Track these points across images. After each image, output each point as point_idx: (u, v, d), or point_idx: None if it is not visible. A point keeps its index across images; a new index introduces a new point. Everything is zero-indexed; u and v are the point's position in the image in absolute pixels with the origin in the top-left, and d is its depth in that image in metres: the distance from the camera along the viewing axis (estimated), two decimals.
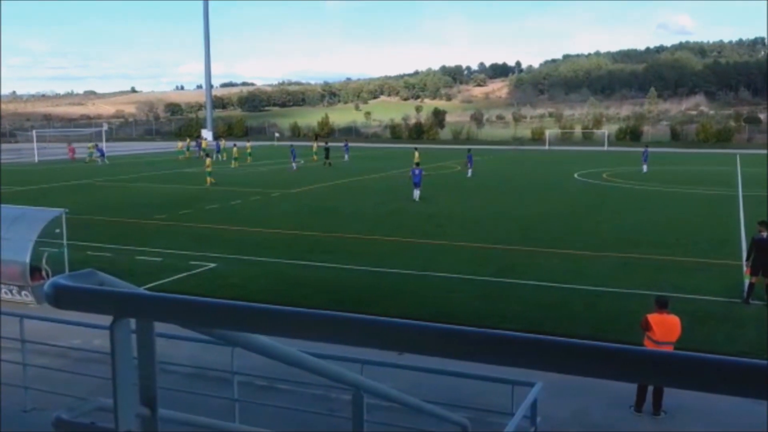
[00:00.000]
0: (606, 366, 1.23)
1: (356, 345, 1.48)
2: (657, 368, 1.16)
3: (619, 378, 1.24)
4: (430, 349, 1.39)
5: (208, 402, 9.61)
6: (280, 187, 39.94)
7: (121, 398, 1.68)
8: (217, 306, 1.55)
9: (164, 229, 26.27)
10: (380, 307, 15.70)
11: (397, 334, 1.41)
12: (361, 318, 1.43)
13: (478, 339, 1.34)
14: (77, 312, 1.62)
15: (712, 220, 27.90)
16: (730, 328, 14.44)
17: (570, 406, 10.54)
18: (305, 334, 1.49)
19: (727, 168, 52.39)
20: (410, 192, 34.15)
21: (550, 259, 20.73)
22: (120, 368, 1.68)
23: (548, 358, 1.27)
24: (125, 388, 1.70)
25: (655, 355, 1.17)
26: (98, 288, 1.64)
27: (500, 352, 1.32)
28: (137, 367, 1.83)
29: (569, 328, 14.08)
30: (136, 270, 19.27)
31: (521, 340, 1.28)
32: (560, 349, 1.25)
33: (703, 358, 1.13)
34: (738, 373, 1.10)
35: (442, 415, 5.91)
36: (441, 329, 1.37)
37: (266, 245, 22.94)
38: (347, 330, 1.45)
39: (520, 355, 1.30)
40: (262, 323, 1.53)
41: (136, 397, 1.81)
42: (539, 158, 66.91)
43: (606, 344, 1.25)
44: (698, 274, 18.94)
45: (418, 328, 1.39)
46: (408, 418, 6.99)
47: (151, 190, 39.17)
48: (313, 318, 1.47)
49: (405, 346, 1.43)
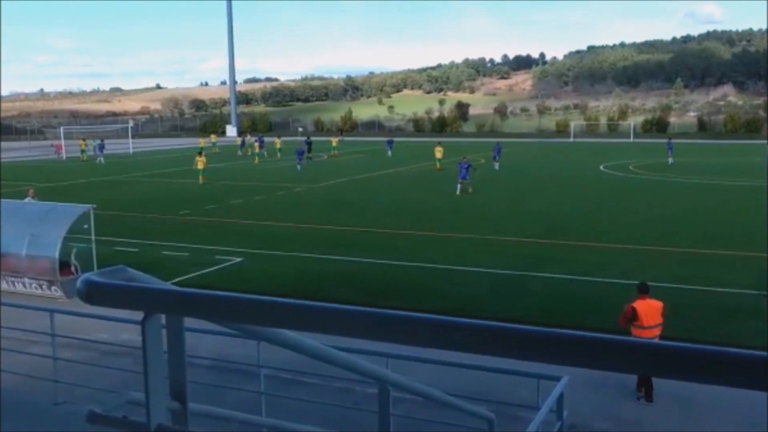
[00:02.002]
0: (628, 359, 1.23)
1: (381, 340, 1.49)
2: (670, 361, 1.16)
3: (639, 371, 1.24)
4: (455, 346, 1.39)
5: (234, 395, 9.70)
6: (304, 182, 40.09)
7: (152, 392, 1.71)
8: (245, 301, 1.57)
9: (190, 224, 26.51)
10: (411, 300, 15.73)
11: (422, 329, 1.42)
12: (386, 313, 1.44)
13: (501, 334, 1.35)
14: (106, 307, 1.65)
15: (741, 212, 27.52)
16: (759, 321, 14.25)
17: (596, 400, 10.50)
18: (332, 330, 1.50)
19: (756, 159, 51.59)
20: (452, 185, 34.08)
21: (577, 252, 20.60)
22: (151, 363, 1.71)
23: (569, 353, 1.28)
24: (156, 383, 1.73)
25: (670, 348, 1.17)
26: (129, 284, 1.67)
27: (523, 347, 1.32)
28: (167, 362, 1.85)
29: (596, 321, 13.99)
30: (163, 265, 19.46)
31: (541, 334, 1.28)
32: (581, 344, 1.25)
33: (714, 350, 1.12)
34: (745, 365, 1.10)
35: (468, 409, 5.91)
36: (463, 324, 1.37)
37: (293, 239, 23.07)
38: (373, 325, 1.46)
39: (539, 350, 1.30)
40: (289, 318, 1.55)
41: (167, 391, 1.84)
42: (564, 150, 66.42)
43: (625, 338, 1.25)
44: (726, 266, 18.72)
45: (442, 323, 1.40)
46: (433, 411, 7.00)
47: (176, 185, 39.51)
48: (340, 313, 1.48)
49: (430, 342, 1.43)
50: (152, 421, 1.71)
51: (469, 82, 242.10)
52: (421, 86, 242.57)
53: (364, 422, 7.79)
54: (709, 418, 10.00)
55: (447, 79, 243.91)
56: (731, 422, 9.83)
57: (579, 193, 34.19)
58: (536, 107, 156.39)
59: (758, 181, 37.05)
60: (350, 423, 9.08)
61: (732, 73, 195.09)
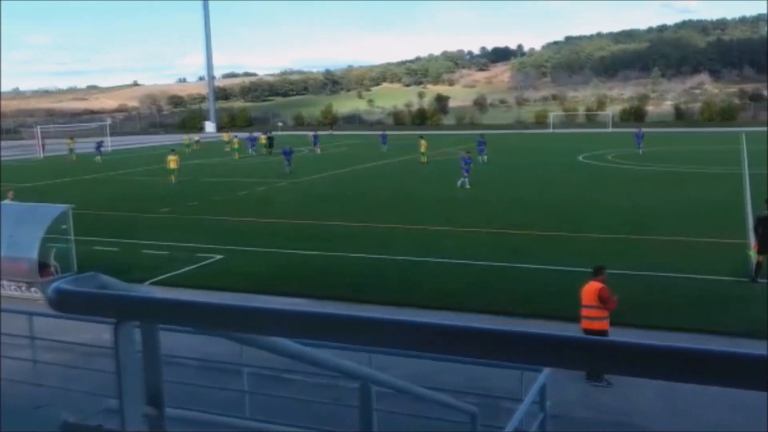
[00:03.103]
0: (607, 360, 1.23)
1: (362, 344, 1.48)
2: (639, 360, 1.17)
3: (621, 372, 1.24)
4: (436, 348, 1.39)
5: (216, 394, 9.67)
6: (287, 178, 39.96)
7: (126, 399, 1.68)
8: (221, 308, 1.55)
9: (171, 221, 26.33)
10: None
11: (404, 333, 1.41)
12: (366, 318, 1.42)
13: (483, 336, 1.34)
14: (78, 315, 1.62)
15: (718, 200, 27.81)
16: (738, 307, 14.43)
17: (578, 389, 10.59)
18: (310, 335, 1.48)
19: (733, 146, 52.15)
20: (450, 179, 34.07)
21: (556, 242, 20.72)
22: (125, 369, 1.68)
23: (547, 354, 1.27)
24: (131, 390, 1.70)
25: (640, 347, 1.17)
26: (101, 292, 1.64)
27: (503, 349, 1.32)
28: (143, 368, 1.83)
29: None
30: (143, 263, 19.34)
31: (520, 336, 1.27)
32: (558, 344, 1.24)
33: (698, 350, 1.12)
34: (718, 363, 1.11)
35: (451, 404, 5.93)
36: (445, 327, 1.36)
37: (275, 235, 23.00)
38: (352, 330, 1.44)
39: (519, 352, 1.30)
40: (266, 325, 1.53)
41: (143, 398, 1.82)
42: (543, 142, 66.70)
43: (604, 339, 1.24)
44: (705, 253, 18.91)
45: (424, 326, 1.38)
46: (417, 406, 7.02)
47: (156, 183, 39.20)
48: (318, 318, 1.46)
49: (411, 345, 1.43)
50: (127, 429, 1.68)
51: (448, 74, 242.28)
52: (401, 79, 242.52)
53: (348, 418, 7.78)
54: (689, 399, 10.10)
55: (426, 71, 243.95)
56: (707, 399, 9.93)
57: (557, 184, 34.36)
58: (515, 99, 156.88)
59: (735, 169, 37.45)
60: (333, 419, 9.07)
61: (707, 61, 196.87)
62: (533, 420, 7.61)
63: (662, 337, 12.20)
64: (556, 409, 9.25)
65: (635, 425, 9.86)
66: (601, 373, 10.50)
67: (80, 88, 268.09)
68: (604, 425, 9.88)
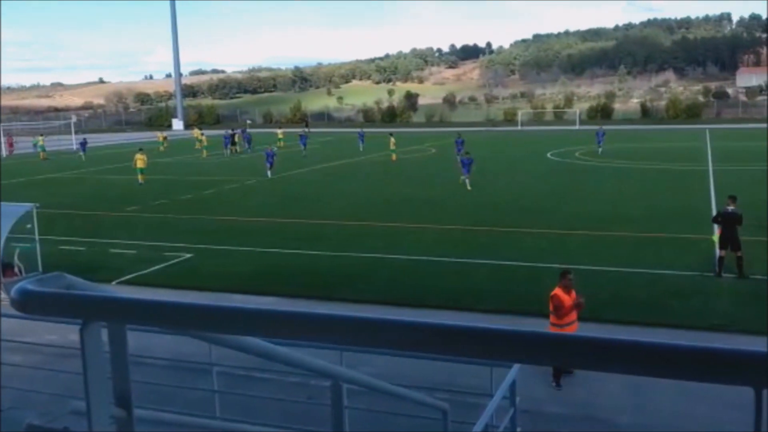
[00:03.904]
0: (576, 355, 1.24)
1: (332, 343, 1.47)
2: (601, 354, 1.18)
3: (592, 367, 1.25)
4: (408, 347, 1.39)
5: (186, 394, 9.58)
6: (256, 175, 39.71)
7: (94, 401, 1.66)
8: (189, 307, 1.53)
9: (138, 220, 26.02)
10: None
11: (374, 332, 1.40)
12: (338, 316, 1.42)
13: (456, 333, 1.34)
14: (43, 316, 1.59)
15: (684, 196, 28.23)
16: (703, 302, 14.67)
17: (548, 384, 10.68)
18: (279, 334, 1.47)
19: (697, 143, 52.99)
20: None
21: (524, 239, 20.88)
22: (92, 371, 1.65)
23: (519, 351, 1.28)
24: (98, 391, 1.68)
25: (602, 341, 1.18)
26: (66, 292, 1.62)
27: (474, 346, 1.32)
28: (110, 369, 1.80)
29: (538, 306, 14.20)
30: (110, 263, 19.11)
31: (494, 333, 1.28)
32: (529, 342, 1.25)
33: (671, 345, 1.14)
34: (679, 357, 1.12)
35: (422, 401, 5.95)
36: (417, 325, 1.37)
37: (244, 233, 22.85)
38: (323, 329, 1.44)
39: (488, 349, 1.30)
40: (234, 324, 1.52)
41: (110, 399, 1.79)
42: (513, 139, 67.11)
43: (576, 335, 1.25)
44: (671, 249, 19.18)
45: (395, 324, 1.38)
46: (389, 403, 7.02)
47: (123, 181, 38.69)
48: (287, 318, 1.45)
49: (382, 344, 1.42)
50: (94, 431, 1.66)
51: (417, 71, 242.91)
52: (370, 76, 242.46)
53: (320, 416, 7.76)
54: (654, 391, 10.25)
55: (395, 69, 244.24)
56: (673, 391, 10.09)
57: (526, 181, 34.61)
58: (484, 96, 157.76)
59: (700, 165, 38.07)
60: (305, 418, 9.04)
61: (672, 59, 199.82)
62: (504, 415, 7.66)
63: (626, 332, 12.37)
64: (526, 404, 9.33)
65: (602, 419, 9.98)
66: (559, 376, 10.54)
67: (44, 85, 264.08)
68: (573, 419, 9.99)
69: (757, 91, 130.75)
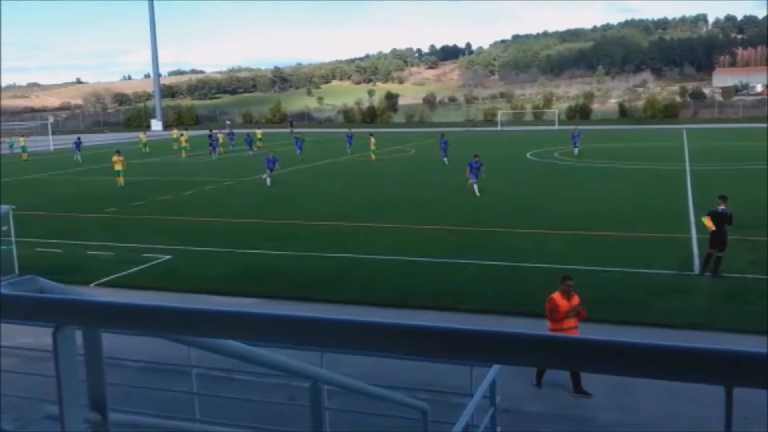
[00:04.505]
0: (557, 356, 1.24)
1: (309, 345, 1.47)
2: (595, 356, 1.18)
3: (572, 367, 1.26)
4: (385, 348, 1.38)
5: (166, 396, 9.51)
6: (235, 176, 39.53)
7: (67, 405, 1.64)
8: (165, 310, 1.51)
9: (116, 222, 25.80)
10: None
11: (354, 334, 1.40)
12: (315, 318, 1.41)
13: (433, 335, 1.34)
14: (15, 321, 1.57)
15: (662, 195, 28.48)
16: (681, 300, 14.81)
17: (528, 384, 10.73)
18: (256, 336, 1.47)
19: (675, 143, 53.50)
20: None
21: (504, 239, 20.95)
22: (65, 375, 1.63)
23: (497, 352, 1.28)
24: (72, 395, 1.66)
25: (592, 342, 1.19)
26: (39, 296, 1.59)
27: (454, 348, 1.32)
28: (85, 373, 1.78)
29: (523, 306, 14.27)
30: (87, 265, 18.92)
31: (470, 334, 1.28)
32: (506, 342, 1.25)
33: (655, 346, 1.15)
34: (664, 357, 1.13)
35: (402, 401, 5.95)
36: (394, 327, 1.36)
37: (223, 234, 22.73)
38: (301, 331, 1.43)
39: (469, 350, 1.31)
40: (211, 326, 1.51)
41: (85, 403, 1.77)
42: (493, 139, 67.34)
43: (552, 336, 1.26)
44: (648, 248, 19.33)
45: (373, 327, 1.38)
46: (370, 404, 7.02)
47: (101, 182, 38.34)
48: (265, 320, 1.44)
49: (361, 346, 1.42)
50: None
51: (397, 72, 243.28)
52: (350, 77, 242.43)
53: (300, 418, 7.74)
54: (637, 390, 10.33)
55: (375, 69, 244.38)
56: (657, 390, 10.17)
57: (506, 181, 34.75)
58: (464, 97, 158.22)
59: (677, 165, 38.43)
60: (286, 419, 9.02)
61: (650, 60, 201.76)
62: (484, 415, 7.69)
63: (605, 330, 12.46)
64: (506, 404, 9.38)
65: (583, 418, 10.05)
66: (580, 386, 10.38)
67: (20, 85, 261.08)
68: (553, 419, 10.04)
69: (733, 92, 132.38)
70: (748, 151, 45.07)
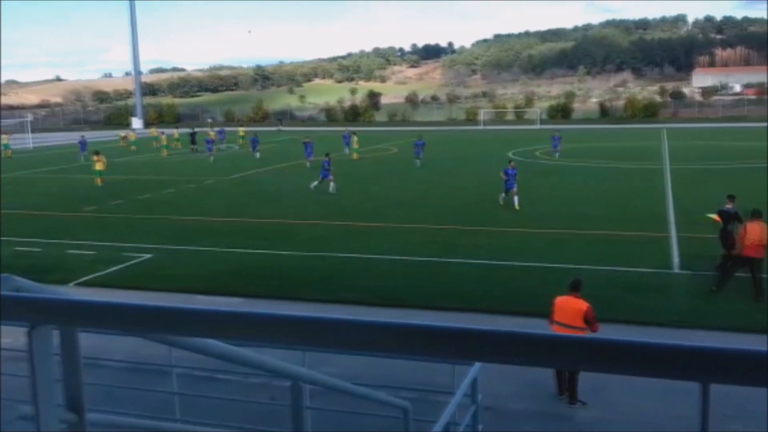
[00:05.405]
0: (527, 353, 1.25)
1: (289, 344, 1.46)
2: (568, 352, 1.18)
3: (546, 365, 1.26)
4: (368, 346, 1.38)
5: (147, 397, 9.44)
6: (216, 174, 39.32)
7: (43, 406, 1.62)
8: (142, 309, 1.50)
9: (96, 221, 25.57)
10: None
11: (336, 332, 1.39)
12: (295, 316, 1.41)
13: (413, 332, 1.34)
14: None
15: (642, 194, 28.69)
16: (660, 298, 14.93)
17: (513, 383, 10.76)
18: (235, 335, 1.46)
19: (654, 142, 53.92)
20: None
21: (486, 238, 21.02)
22: (41, 376, 1.61)
23: (479, 350, 1.28)
24: (48, 396, 1.64)
25: (563, 339, 1.19)
26: (14, 295, 1.57)
27: (432, 344, 1.32)
28: (62, 373, 1.76)
29: (504, 305, 14.32)
30: (67, 264, 18.75)
31: (446, 331, 1.28)
32: (486, 340, 1.25)
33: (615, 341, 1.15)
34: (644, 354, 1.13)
35: (383, 400, 5.95)
36: (376, 325, 1.36)
37: (204, 233, 22.61)
38: (280, 329, 1.42)
39: (445, 347, 1.31)
40: (190, 325, 1.49)
41: (62, 404, 1.75)
42: (474, 138, 67.56)
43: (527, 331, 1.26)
44: (629, 246, 19.47)
45: (354, 325, 1.37)
46: (351, 403, 7.01)
47: (81, 181, 37.97)
48: (245, 318, 1.43)
49: (343, 345, 1.41)
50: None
51: (379, 71, 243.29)
52: (332, 75, 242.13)
53: (282, 417, 7.73)
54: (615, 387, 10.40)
55: (358, 68, 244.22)
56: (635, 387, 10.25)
57: (488, 180, 34.80)
58: (446, 96, 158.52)
59: (657, 164, 38.74)
60: (267, 419, 8.99)
61: (630, 60, 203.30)
62: (465, 413, 7.70)
63: None
64: (488, 402, 9.41)
65: (564, 415, 10.10)
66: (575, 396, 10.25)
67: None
68: (535, 417, 10.09)
69: (712, 91, 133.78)
70: (727, 151, 45.56)
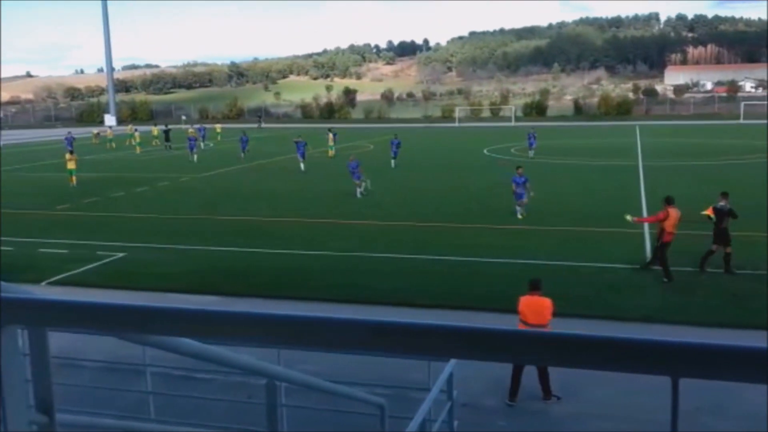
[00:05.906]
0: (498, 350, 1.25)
1: (266, 344, 1.45)
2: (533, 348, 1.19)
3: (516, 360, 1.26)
4: (344, 345, 1.37)
5: (122, 397, 9.36)
6: (190, 172, 39.03)
7: (10, 408, 1.59)
8: (113, 308, 1.48)
9: (69, 219, 25.27)
10: None
11: (310, 331, 1.38)
12: (269, 315, 1.39)
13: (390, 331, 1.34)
14: None
15: (615, 191, 28.96)
16: (633, 294, 15.09)
17: (486, 378, 10.82)
18: (210, 334, 1.44)
19: (628, 139, 54.48)
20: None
21: (458, 234, 21.10)
22: (8, 377, 1.58)
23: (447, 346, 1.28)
24: (16, 397, 1.61)
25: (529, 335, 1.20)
26: None
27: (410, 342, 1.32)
28: (31, 374, 1.74)
29: (482, 300, 14.39)
30: (39, 263, 18.50)
31: (418, 328, 1.28)
32: (466, 336, 1.26)
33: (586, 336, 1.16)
34: (615, 349, 1.15)
35: (359, 397, 5.95)
36: (352, 323, 1.35)
37: (178, 231, 22.44)
38: (255, 328, 1.41)
39: (418, 345, 1.31)
40: (162, 324, 1.48)
41: (32, 405, 1.73)
42: (450, 136, 67.76)
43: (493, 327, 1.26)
44: (603, 243, 19.64)
45: (326, 322, 1.37)
46: (327, 400, 7.01)
47: (53, 179, 37.47)
48: (218, 317, 1.42)
49: (317, 343, 1.41)
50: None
51: (355, 67, 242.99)
52: (308, 72, 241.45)
53: (259, 416, 7.70)
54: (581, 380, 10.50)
55: (333, 65, 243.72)
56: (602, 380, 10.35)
57: (463, 177, 34.96)
58: (422, 93, 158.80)
59: (630, 161, 39.13)
60: (243, 417, 8.94)
61: (604, 58, 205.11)
62: (441, 409, 7.73)
63: (560, 324, 12.62)
64: (464, 398, 9.46)
65: (538, 411, 10.18)
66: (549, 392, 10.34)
67: None
68: (510, 412, 10.15)
69: (685, 89, 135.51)
70: (699, 148, 46.16)
